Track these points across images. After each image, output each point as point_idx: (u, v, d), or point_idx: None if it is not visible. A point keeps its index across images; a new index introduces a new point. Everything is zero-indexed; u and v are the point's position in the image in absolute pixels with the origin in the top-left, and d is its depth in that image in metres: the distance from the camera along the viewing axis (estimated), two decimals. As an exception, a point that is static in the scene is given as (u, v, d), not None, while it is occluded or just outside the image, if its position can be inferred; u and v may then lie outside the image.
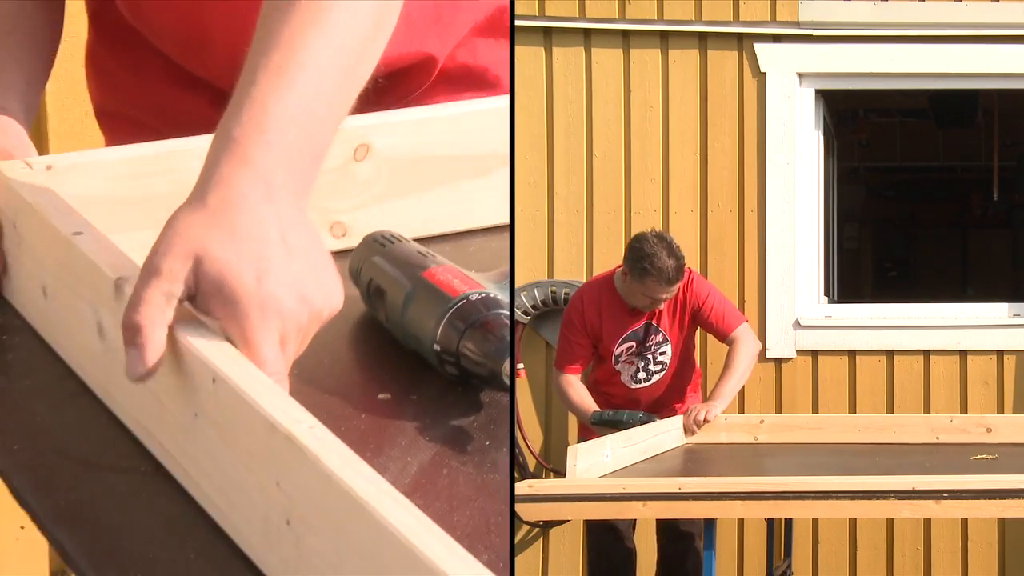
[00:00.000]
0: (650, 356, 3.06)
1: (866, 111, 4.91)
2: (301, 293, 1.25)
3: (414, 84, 1.90)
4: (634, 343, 3.05)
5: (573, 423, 3.29)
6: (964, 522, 3.48)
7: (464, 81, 1.94)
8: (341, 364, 1.46)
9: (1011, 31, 3.46)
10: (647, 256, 2.91)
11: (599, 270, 3.33)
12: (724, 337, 3.05)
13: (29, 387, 1.42)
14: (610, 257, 3.39)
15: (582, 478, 2.39)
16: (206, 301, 1.24)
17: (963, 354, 3.52)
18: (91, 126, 2.00)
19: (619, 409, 2.97)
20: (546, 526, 3.49)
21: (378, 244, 1.52)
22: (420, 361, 1.41)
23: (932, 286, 5.25)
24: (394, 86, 1.83)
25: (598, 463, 2.49)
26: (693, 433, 2.94)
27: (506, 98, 1.73)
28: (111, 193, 1.53)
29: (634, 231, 3.40)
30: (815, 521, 3.48)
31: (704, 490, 2.24)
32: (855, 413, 3.48)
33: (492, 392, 1.37)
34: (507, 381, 1.33)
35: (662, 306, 3.00)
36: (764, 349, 3.47)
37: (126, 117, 1.94)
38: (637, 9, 3.48)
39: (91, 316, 1.36)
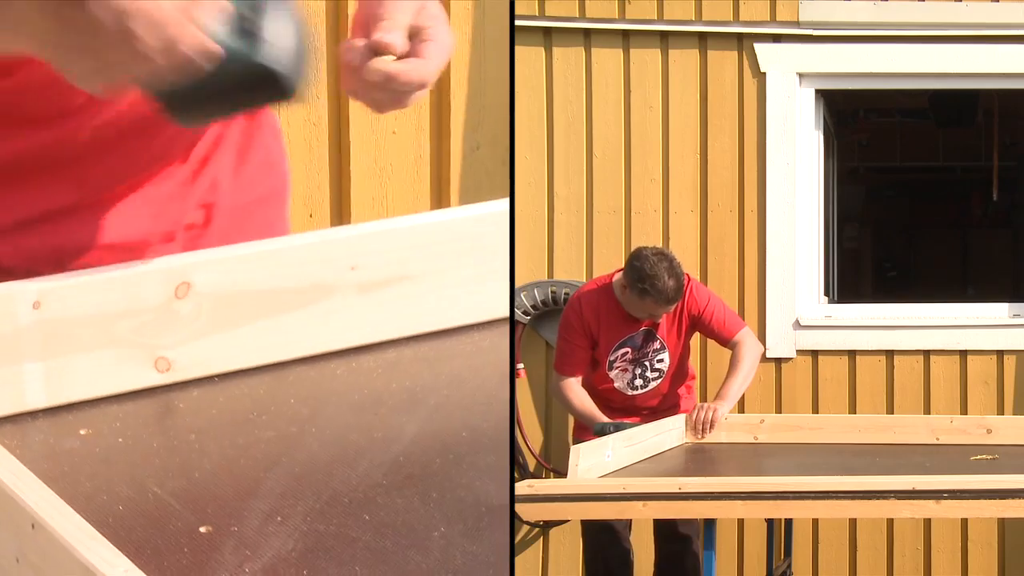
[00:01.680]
0: (647, 363, 3.06)
1: (866, 111, 4.92)
2: None
3: None
4: (630, 349, 3.05)
5: (572, 423, 3.29)
6: (964, 522, 3.48)
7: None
8: (162, 497, 1.48)
9: (1011, 31, 3.46)
10: (648, 277, 2.91)
11: (599, 270, 3.33)
12: (726, 342, 3.06)
13: None
14: (610, 257, 3.39)
15: (582, 478, 2.39)
16: None
17: (963, 354, 3.52)
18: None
19: (620, 421, 2.98)
20: (546, 526, 3.49)
21: None
22: (243, 493, 1.44)
23: (932, 286, 5.25)
24: None
25: (600, 463, 2.49)
26: (700, 434, 2.93)
27: (324, 232, 1.75)
28: None
29: (634, 231, 3.39)
30: (815, 521, 3.48)
31: (704, 490, 2.24)
32: (855, 413, 3.49)
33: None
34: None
35: (660, 318, 3.02)
36: (764, 349, 3.47)
37: None
38: (637, 9, 3.48)
39: None
